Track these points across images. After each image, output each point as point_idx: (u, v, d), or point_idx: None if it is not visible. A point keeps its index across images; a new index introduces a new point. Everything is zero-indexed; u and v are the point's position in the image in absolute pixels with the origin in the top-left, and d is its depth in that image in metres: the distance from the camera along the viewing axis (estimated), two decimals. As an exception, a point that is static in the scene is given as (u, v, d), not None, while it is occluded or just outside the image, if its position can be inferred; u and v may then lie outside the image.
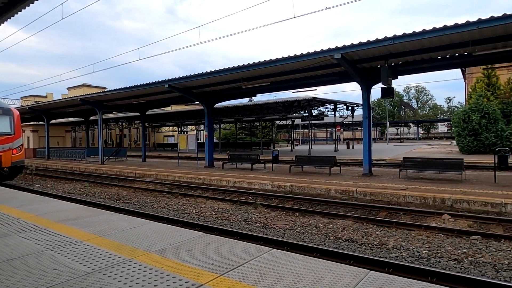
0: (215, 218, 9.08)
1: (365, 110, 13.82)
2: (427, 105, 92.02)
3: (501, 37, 10.25)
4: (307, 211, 9.33)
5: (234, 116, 35.98)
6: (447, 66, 13.12)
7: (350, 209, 9.62)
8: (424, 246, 6.45)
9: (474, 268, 5.41)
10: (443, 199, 9.32)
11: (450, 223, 7.87)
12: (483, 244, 6.41)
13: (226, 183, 14.24)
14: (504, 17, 8.73)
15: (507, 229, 7.35)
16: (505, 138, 22.19)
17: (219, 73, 15.18)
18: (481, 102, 23.36)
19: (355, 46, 11.30)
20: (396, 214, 8.85)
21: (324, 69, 14.24)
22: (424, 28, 9.94)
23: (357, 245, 6.67)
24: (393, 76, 13.25)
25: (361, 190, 10.79)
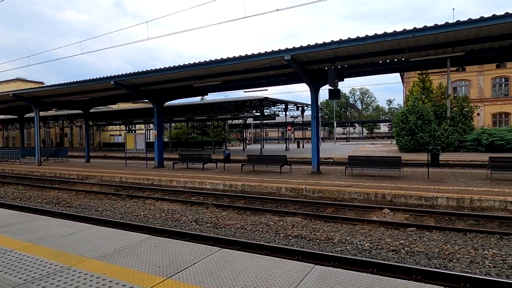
0: (165, 219, 8.83)
1: (314, 111, 14.33)
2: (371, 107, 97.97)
3: (433, 45, 11.23)
4: (258, 210, 9.44)
5: (186, 115, 35.27)
6: (387, 70, 14.06)
7: (300, 206, 9.91)
8: (367, 239, 6.85)
9: (410, 257, 5.86)
10: (384, 194, 9.97)
11: (390, 217, 8.44)
12: (418, 235, 6.97)
13: (176, 184, 13.91)
14: (435, 27, 9.57)
15: (438, 221, 8.07)
16: (437, 137, 24.35)
17: (169, 71, 14.78)
18: (417, 104, 25.37)
19: (304, 48, 11.66)
20: (342, 210, 9.30)
21: (275, 69, 14.50)
22: (367, 34, 10.55)
23: (306, 241, 6.89)
24: (340, 78, 13.89)
25: (310, 187, 11.16)
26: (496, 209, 8.56)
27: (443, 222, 7.95)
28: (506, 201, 8.53)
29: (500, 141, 22.50)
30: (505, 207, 8.49)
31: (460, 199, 9.02)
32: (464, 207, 8.90)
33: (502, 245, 6.25)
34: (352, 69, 13.91)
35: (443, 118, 25.20)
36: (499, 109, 38.07)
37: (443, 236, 6.86)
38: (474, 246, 6.26)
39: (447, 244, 6.36)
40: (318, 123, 14.56)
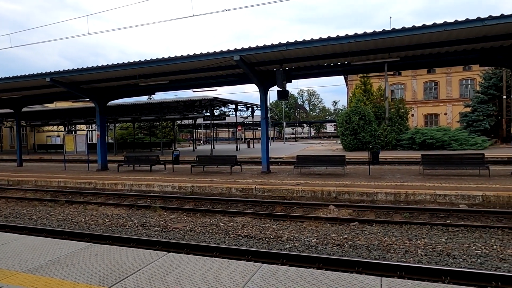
0: (108, 225, 8.37)
1: (263, 111, 14.54)
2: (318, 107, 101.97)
3: (372, 51, 11.98)
4: (208, 211, 9.34)
5: (132, 114, 33.75)
6: (332, 72, 14.72)
7: (250, 206, 9.98)
8: (314, 235, 7.09)
9: (353, 250, 6.19)
10: (329, 191, 10.42)
11: (335, 213, 8.84)
12: (360, 229, 7.38)
13: (122, 187, 13.26)
14: (373, 34, 10.23)
15: (378, 215, 8.61)
16: (377, 136, 26.05)
17: (112, 68, 14.03)
18: (359, 105, 26.91)
19: (252, 49, 11.77)
20: (291, 208, 9.54)
21: (224, 70, 14.45)
22: (312, 38, 10.95)
23: (256, 240, 6.95)
24: (288, 79, 14.25)
25: (260, 187, 11.30)
26: (427, 202, 9.37)
27: (382, 216, 8.50)
28: (436, 194, 9.38)
29: (431, 139, 24.71)
30: (434, 200, 9.33)
31: (397, 194, 9.73)
32: (401, 201, 9.61)
33: (432, 235, 6.85)
34: (300, 71, 14.35)
35: (382, 118, 27.01)
36: (430, 110, 41.81)
37: (382, 229, 7.33)
38: (409, 236, 6.78)
39: (385, 236, 6.82)
40: (268, 123, 14.81)
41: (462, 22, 9.33)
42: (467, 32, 10.13)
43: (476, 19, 9.19)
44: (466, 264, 5.40)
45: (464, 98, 36.81)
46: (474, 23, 9.21)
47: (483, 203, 8.91)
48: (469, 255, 5.74)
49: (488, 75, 29.01)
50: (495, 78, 28.04)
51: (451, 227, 7.18)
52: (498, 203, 8.83)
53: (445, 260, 5.61)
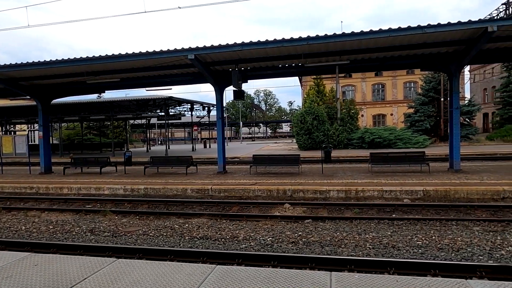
0: (53, 232, 7.82)
1: (219, 111, 14.45)
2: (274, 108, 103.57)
3: (324, 53, 12.42)
4: (163, 213, 9.08)
5: (79, 114, 31.80)
6: (286, 74, 15.03)
7: (206, 207, 9.87)
8: (269, 234, 7.19)
9: (306, 247, 6.37)
10: (285, 190, 10.63)
11: (290, 211, 9.04)
12: (313, 226, 7.61)
13: (68, 191, 12.45)
14: (325, 37, 10.61)
15: (330, 211, 8.95)
16: (330, 136, 27.06)
17: (57, 64, 13.11)
18: (313, 106, 27.76)
19: (208, 48, 11.65)
20: (247, 208, 9.58)
21: (179, 68, 14.14)
22: (267, 39, 11.10)
23: (211, 241, 6.89)
24: (243, 80, 14.29)
25: (216, 187, 11.22)
26: (375, 198, 9.91)
27: (334, 213, 8.84)
28: (383, 190, 9.95)
29: (379, 139, 26.19)
30: (381, 196, 9.90)
31: (347, 191, 10.18)
32: (351, 198, 10.07)
33: (379, 229, 7.26)
34: (255, 71, 14.46)
35: (335, 119, 28.12)
36: (378, 111, 44.31)
37: (334, 225, 7.63)
38: (358, 231, 7.13)
39: (337, 232, 7.11)
40: (224, 123, 14.75)
41: (404, 29, 10.00)
42: (409, 38, 10.88)
43: (417, 27, 9.90)
44: (409, 255, 5.79)
45: (408, 99, 39.46)
46: (415, 31, 9.91)
47: (424, 198, 9.62)
48: (411, 246, 6.17)
49: (428, 78, 31.38)
50: (434, 81, 30.41)
51: (396, 221, 7.67)
52: (437, 197, 9.59)
53: (391, 252, 5.98)
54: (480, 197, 9.31)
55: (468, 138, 28.61)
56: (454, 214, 8.11)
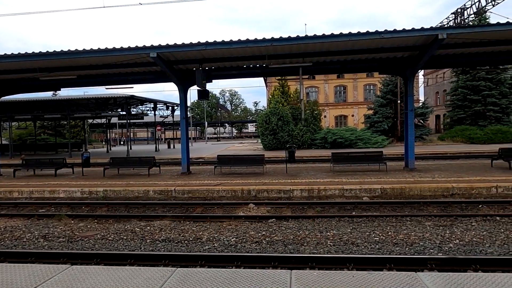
0: (0, 240, 7.27)
1: (183, 111, 14.21)
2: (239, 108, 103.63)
3: (288, 55, 12.62)
4: (123, 216, 8.76)
5: (33, 112, 29.85)
6: (251, 74, 15.10)
7: (169, 208, 9.66)
8: (233, 234, 7.18)
9: (270, 246, 6.43)
10: (249, 190, 10.67)
11: (254, 211, 9.08)
12: (277, 225, 7.71)
13: (18, 195, 11.65)
14: (288, 39, 10.79)
15: (294, 211, 9.11)
16: (294, 136, 27.55)
17: (6, 59, 12.17)
18: (278, 107, 28.11)
19: (171, 47, 11.41)
20: (211, 209, 9.51)
21: (140, 66, 13.73)
22: (231, 39, 11.08)
23: (174, 243, 6.76)
24: (208, 79, 14.16)
25: (179, 188, 11.03)
26: (336, 196, 10.23)
27: (297, 211, 9.01)
28: (343, 189, 10.30)
29: (341, 139, 27.06)
30: (342, 194, 10.24)
31: (310, 190, 10.42)
32: (314, 197, 10.32)
33: (340, 226, 7.51)
34: (220, 71, 14.39)
35: (299, 119, 28.66)
36: (339, 112, 45.78)
37: (297, 223, 7.77)
38: (320, 229, 7.32)
39: (300, 231, 7.25)
40: (188, 123, 14.53)
41: (363, 34, 10.42)
42: (368, 43, 11.34)
43: (375, 32, 10.35)
44: (367, 251, 6.04)
45: (368, 101, 41.14)
46: (373, 35, 10.36)
47: (381, 195, 10.08)
48: (369, 242, 6.43)
49: (386, 82, 32.92)
50: (392, 84, 31.97)
51: (356, 218, 7.96)
52: (393, 194, 10.08)
53: (350, 248, 6.20)
54: (432, 194, 9.91)
55: (422, 139, 30.37)
56: (409, 211, 8.57)
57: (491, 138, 27.01)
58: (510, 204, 8.64)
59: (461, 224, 7.34)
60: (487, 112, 31.74)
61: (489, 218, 7.61)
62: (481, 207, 8.65)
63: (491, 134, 27.40)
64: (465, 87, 32.82)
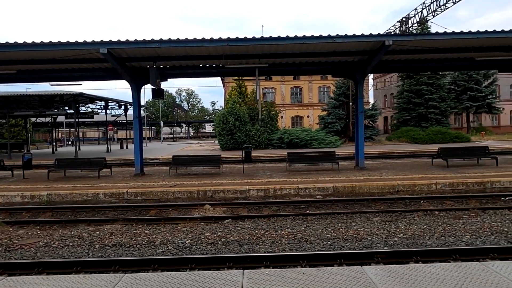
0: None
1: (136, 110, 13.70)
2: (197, 107, 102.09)
3: (244, 55, 12.68)
4: (69, 222, 8.25)
5: (-36, 110, 27.02)
6: (207, 74, 14.96)
7: (120, 212, 9.27)
8: (188, 236, 7.06)
9: (225, 247, 6.41)
10: (205, 191, 10.56)
11: (210, 212, 9.01)
12: (233, 226, 7.71)
13: None
14: (245, 39, 10.84)
15: (250, 210, 9.16)
16: (252, 136, 27.75)
17: None
18: (235, 107, 28.13)
19: (122, 43, 10.94)
20: (166, 211, 9.27)
21: (89, 63, 12.97)
22: (187, 37, 10.88)
23: (125, 248, 6.49)
24: (163, 78, 13.78)
25: (132, 191, 10.62)
26: (292, 195, 10.46)
27: (253, 211, 9.07)
28: (298, 188, 10.56)
29: (296, 139, 27.73)
30: (297, 193, 10.50)
31: (266, 189, 10.55)
32: (270, 196, 10.47)
33: (294, 224, 7.69)
34: (175, 69, 14.08)
35: (256, 120, 28.90)
36: (296, 113, 46.88)
37: (252, 223, 7.83)
38: (275, 228, 7.44)
39: (255, 230, 7.31)
40: (141, 122, 14.04)
41: (316, 38, 10.77)
42: (321, 46, 11.74)
43: (327, 36, 10.74)
44: (319, 247, 6.25)
45: (322, 103, 42.55)
46: (326, 39, 10.75)
47: (334, 193, 10.48)
48: (322, 239, 6.66)
49: (339, 84, 34.32)
50: (344, 87, 33.39)
51: (310, 216, 8.21)
52: (345, 192, 10.53)
53: (304, 246, 6.37)
54: (379, 191, 10.50)
55: (371, 139, 32.06)
56: (358, 208, 9.00)
57: (432, 138, 29.20)
58: (447, 199, 9.41)
59: (405, 219, 7.86)
60: (428, 114, 34.30)
61: (429, 213, 8.23)
62: (422, 202, 9.32)
63: (432, 135, 29.62)
64: (409, 91, 35.20)
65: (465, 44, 11.85)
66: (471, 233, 6.72)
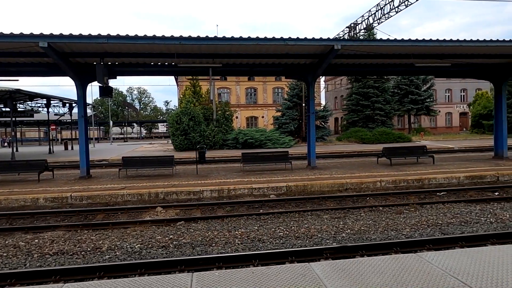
0: None
1: (81, 108, 12.91)
2: (149, 107, 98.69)
3: (198, 55, 12.50)
4: (3, 230, 7.55)
5: None
6: (159, 72, 14.52)
7: (63, 217, 8.68)
8: (138, 240, 6.81)
9: (177, 250, 6.28)
10: (157, 193, 10.25)
11: (162, 214, 8.76)
12: (186, 228, 7.56)
13: None
14: (197, 38, 10.70)
15: (203, 212, 9.06)
16: (206, 137, 27.44)
17: None
18: (189, 107, 27.64)
19: (65, 37, 10.25)
20: (114, 214, 8.85)
21: (28, 57, 11.99)
22: (137, 34, 10.47)
23: (68, 256, 6.10)
24: (111, 75, 13.14)
25: (77, 194, 10.00)
26: (246, 195, 10.51)
27: (207, 212, 8.98)
28: (252, 188, 10.64)
29: (251, 139, 27.93)
30: (251, 193, 10.58)
31: (220, 190, 10.50)
32: (224, 197, 10.43)
33: (248, 224, 7.74)
34: (125, 67, 13.48)
35: (211, 120, 28.64)
36: (250, 113, 47.22)
37: (206, 224, 7.75)
38: (229, 228, 7.43)
39: (208, 231, 7.24)
40: (87, 121, 13.27)
41: (269, 39, 10.94)
42: (274, 48, 11.95)
43: (280, 39, 10.96)
44: (272, 246, 6.35)
45: (276, 104, 43.31)
46: (278, 42, 10.96)
47: (287, 192, 10.71)
48: (274, 238, 6.78)
49: (292, 85, 35.17)
50: (298, 89, 34.29)
51: (263, 216, 8.31)
52: (297, 191, 10.81)
53: (257, 245, 6.44)
54: (330, 190, 10.93)
55: (323, 139, 33.28)
56: (310, 206, 9.29)
57: (378, 138, 31.03)
58: (390, 195, 10.06)
59: (352, 215, 8.26)
60: (375, 116, 36.40)
61: (374, 209, 8.73)
62: (368, 199, 9.87)
63: (378, 135, 31.47)
64: (358, 94, 37.09)
65: (405, 51, 12.75)
66: (411, 227, 7.25)
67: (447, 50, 12.78)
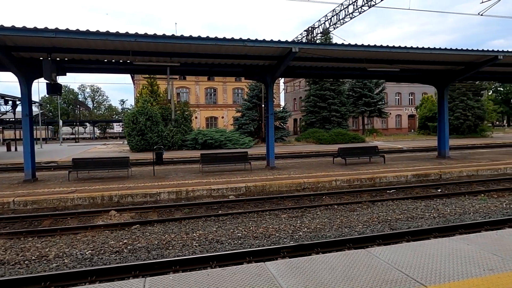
0: None
1: (26, 106, 12.00)
2: (103, 106, 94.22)
3: (154, 53, 12.12)
4: None
5: None
6: (114, 70, 13.90)
7: (4, 224, 8.03)
8: (89, 246, 6.48)
9: (132, 255, 6.06)
10: (111, 196, 9.81)
11: (116, 218, 8.40)
12: (141, 231, 7.33)
13: None
14: (154, 36, 10.39)
15: (160, 214, 8.83)
16: (164, 137, 26.75)
17: None
18: (146, 106, 26.76)
19: (7, 29, 9.45)
20: (63, 220, 8.36)
21: (-38, 49, 10.93)
22: (88, 29, 9.95)
23: (10, 266, 5.66)
24: (60, 72, 12.36)
25: (21, 199, 9.28)
26: (204, 197, 10.40)
27: (164, 215, 8.77)
28: (211, 189, 10.55)
29: (211, 140, 27.67)
30: (210, 194, 10.48)
31: (178, 191, 10.29)
32: (182, 198, 10.23)
33: (206, 226, 7.67)
34: (75, 63, 12.73)
35: (169, 120, 27.98)
36: (210, 113, 46.80)
37: (163, 227, 7.56)
38: (186, 231, 7.31)
39: (165, 234, 7.07)
40: (32, 120, 12.37)
41: (228, 40, 10.92)
42: (233, 49, 11.94)
43: (239, 39, 10.98)
44: (230, 247, 6.35)
45: (236, 104, 43.31)
46: (237, 42, 10.97)
47: (246, 193, 10.75)
48: (233, 239, 6.78)
49: (252, 86, 35.39)
50: (257, 89, 34.56)
51: (222, 217, 8.28)
52: (256, 191, 10.89)
53: (215, 246, 6.40)
54: (288, 189, 11.14)
55: (282, 140, 33.86)
56: (268, 206, 9.41)
57: (334, 139, 32.16)
58: (344, 194, 10.48)
59: (309, 214, 8.50)
60: (331, 117, 37.70)
61: (330, 207, 9.05)
62: (324, 198, 10.20)
63: (334, 136, 32.62)
64: (315, 95, 38.20)
65: (359, 56, 13.35)
66: (363, 223, 7.61)
67: (396, 56, 13.58)
